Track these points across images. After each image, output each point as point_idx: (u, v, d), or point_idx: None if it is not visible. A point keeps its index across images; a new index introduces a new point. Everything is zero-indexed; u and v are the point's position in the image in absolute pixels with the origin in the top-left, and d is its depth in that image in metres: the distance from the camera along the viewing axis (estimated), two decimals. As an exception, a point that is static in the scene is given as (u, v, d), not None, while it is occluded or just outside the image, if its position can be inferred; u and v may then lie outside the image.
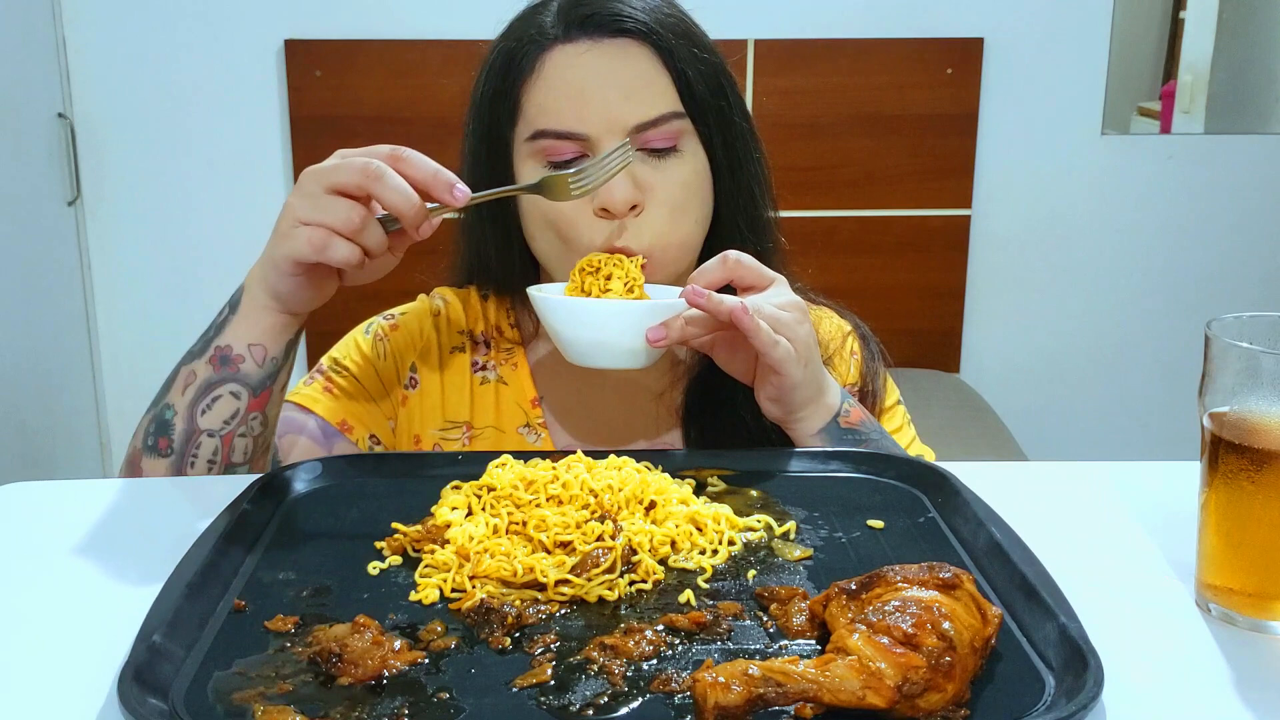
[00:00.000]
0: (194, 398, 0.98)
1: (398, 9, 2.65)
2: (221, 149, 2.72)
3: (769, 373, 0.97)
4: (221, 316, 1.00)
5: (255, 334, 0.98)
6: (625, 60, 1.05)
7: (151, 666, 0.63)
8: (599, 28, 1.05)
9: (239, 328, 0.98)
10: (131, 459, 1.01)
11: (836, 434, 1.01)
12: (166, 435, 0.98)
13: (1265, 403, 0.70)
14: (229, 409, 0.99)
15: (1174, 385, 2.84)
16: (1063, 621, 0.66)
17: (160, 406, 1.00)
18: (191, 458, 0.98)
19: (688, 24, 1.10)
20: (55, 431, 2.62)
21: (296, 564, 0.79)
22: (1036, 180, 2.78)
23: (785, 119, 2.67)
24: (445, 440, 1.15)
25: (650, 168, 1.06)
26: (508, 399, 1.16)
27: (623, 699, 0.62)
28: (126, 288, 2.78)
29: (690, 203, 1.08)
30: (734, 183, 1.11)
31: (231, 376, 0.98)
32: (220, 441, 0.99)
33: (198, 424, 0.98)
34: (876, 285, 2.77)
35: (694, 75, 1.06)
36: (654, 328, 0.97)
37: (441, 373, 1.17)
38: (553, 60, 1.06)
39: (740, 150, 1.11)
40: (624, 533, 0.79)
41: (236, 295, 1.00)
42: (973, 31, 2.68)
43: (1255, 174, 2.78)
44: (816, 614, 0.69)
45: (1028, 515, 0.83)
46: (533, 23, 1.08)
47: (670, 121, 1.05)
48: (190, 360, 0.99)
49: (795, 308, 0.99)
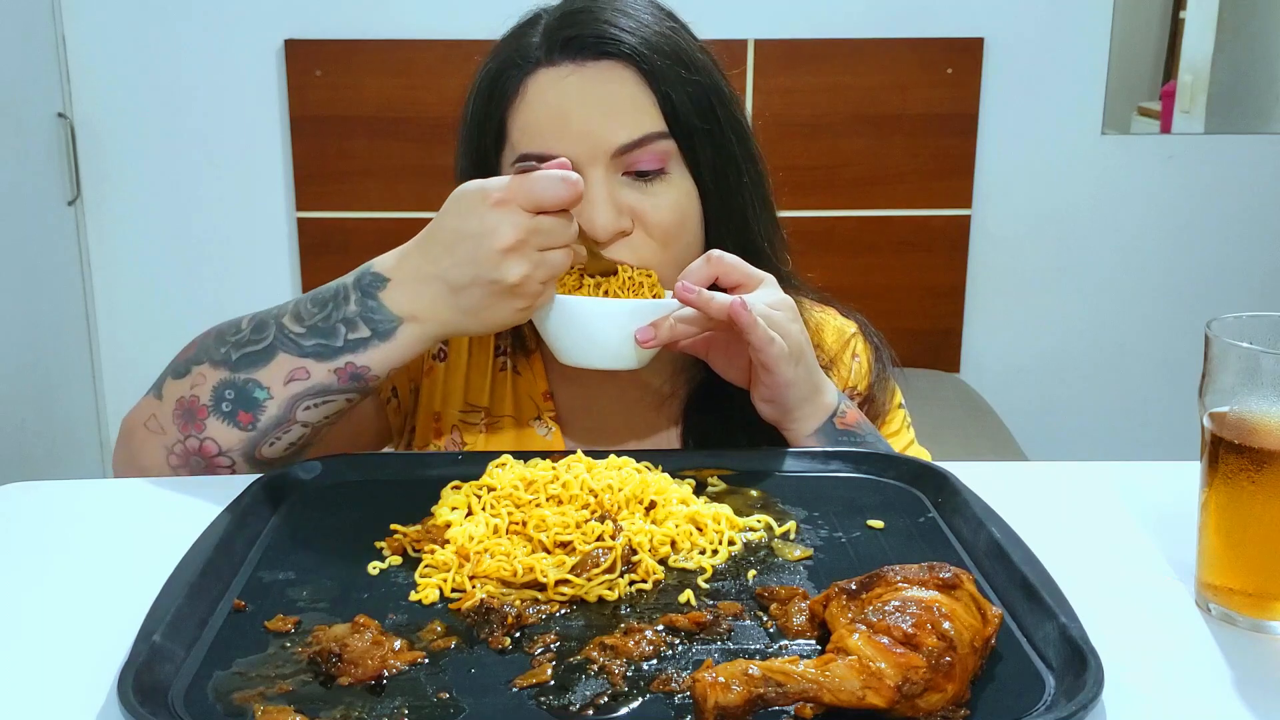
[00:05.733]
0: (302, 394, 0.97)
1: (398, 9, 2.65)
2: (221, 149, 2.71)
3: (762, 372, 0.97)
4: (357, 334, 0.95)
5: (403, 360, 0.96)
6: (608, 83, 1.03)
7: (151, 666, 0.63)
8: (583, 50, 1.03)
9: (390, 355, 0.95)
10: (187, 407, 0.97)
11: (832, 435, 1.01)
12: (252, 413, 0.97)
13: (1265, 403, 0.70)
14: (334, 409, 0.99)
15: (1174, 385, 2.84)
16: (1063, 621, 0.66)
17: (242, 378, 0.97)
18: (274, 439, 0.98)
19: (678, 42, 1.06)
20: (55, 431, 2.62)
21: (296, 564, 0.79)
22: (1036, 180, 2.78)
23: (785, 119, 2.67)
24: (465, 424, 1.15)
25: (638, 192, 1.04)
26: (522, 390, 1.17)
27: (623, 699, 0.62)
28: (126, 288, 2.78)
29: (681, 226, 1.06)
30: (724, 206, 1.08)
31: (356, 389, 0.98)
32: (310, 431, 0.99)
33: (296, 416, 0.97)
34: (876, 285, 2.77)
35: (679, 97, 1.04)
36: (643, 328, 0.96)
37: (470, 351, 1.17)
38: (536, 84, 1.04)
39: (732, 174, 1.08)
40: (624, 533, 0.79)
41: (383, 323, 0.95)
42: (973, 31, 2.68)
43: (1255, 174, 2.78)
44: (816, 614, 0.69)
45: (1028, 515, 0.83)
46: (518, 45, 1.06)
47: (655, 143, 1.03)
48: (296, 353, 0.96)
49: (785, 306, 0.99)
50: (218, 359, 0.98)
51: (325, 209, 2.71)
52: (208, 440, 0.98)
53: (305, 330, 0.97)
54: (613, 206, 1.02)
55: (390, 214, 2.69)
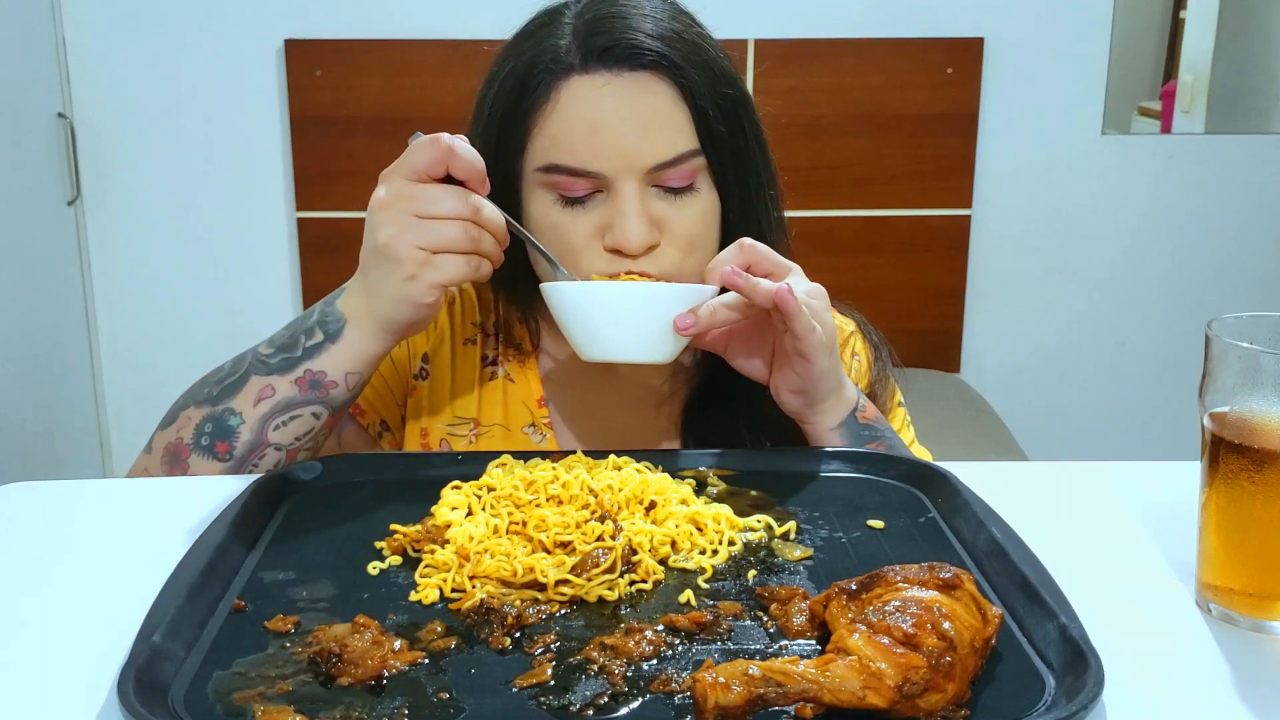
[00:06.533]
0: (269, 413, 0.97)
1: (398, 9, 2.65)
2: (221, 149, 2.72)
3: (795, 361, 0.96)
4: (313, 340, 0.97)
5: (355, 364, 0.97)
6: (644, 96, 1.01)
7: (151, 666, 0.63)
8: (619, 60, 1.01)
9: (339, 356, 0.97)
10: (173, 452, 0.98)
11: (855, 429, 1.00)
12: (227, 441, 0.97)
13: (1265, 403, 0.70)
14: (304, 427, 0.98)
15: (1174, 385, 2.84)
16: (1063, 621, 0.66)
17: (220, 409, 0.98)
18: (252, 466, 0.98)
19: (708, 50, 1.05)
20: (55, 431, 2.62)
21: (296, 564, 0.79)
22: (1036, 180, 2.78)
23: (785, 119, 2.67)
24: (452, 436, 1.15)
25: (666, 204, 1.03)
26: (514, 397, 1.16)
27: (623, 699, 0.62)
28: (126, 288, 2.78)
29: (705, 237, 1.05)
30: (743, 216, 1.08)
31: (319, 400, 0.98)
32: (285, 454, 0.99)
33: (267, 438, 0.97)
34: (876, 285, 2.77)
35: (714, 114, 1.02)
36: (682, 315, 0.93)
37: (453, 367, 1.16)
38: (569, 91, 1.01)
39: (752, 184, 1.08)
40: (624, 533, 0.79)
41: (332, 324, 0.97)
42: (973, 31, 2.68)
43: (1255, 174, 2.78)
44: (816, 614, 0.69)
45: (1028, 515, 0.83)
46: (547, 46, 1.03)
47: (688, 160, 1.02)
48: (264, 372, 0.97)
49: (820, 295, 0.98)
50: (201, 399, 0.99)
51: (325, 209, 2.71)
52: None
53: (274, 350, 0.99)
54: (646, 220, 1.01)
55: (390, 214, 2.69)
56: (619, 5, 1.04)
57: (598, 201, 1.02)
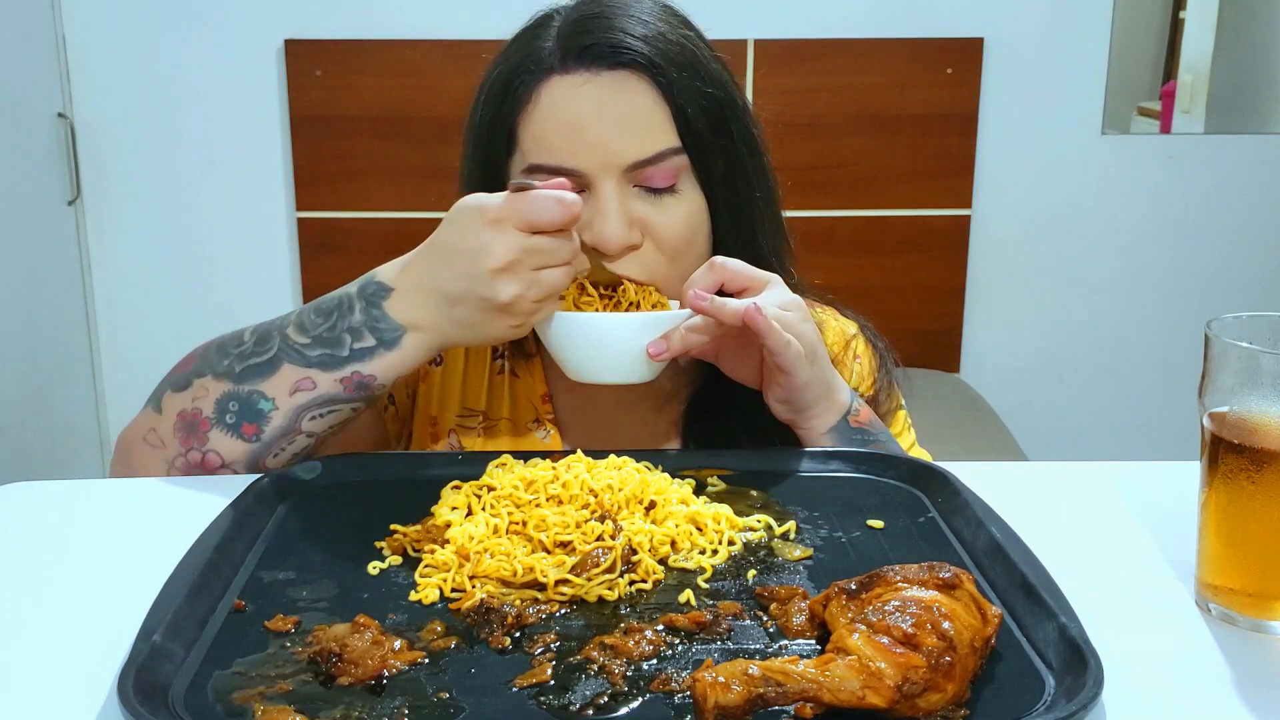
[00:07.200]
0: (307, 404, 0.96)
1: (398, 9, 2.65)
2: (221, 149, 2.71)
3: (778, 374, 0.97)
4: (363, 343, 0.95)
5: (408, 369, 0.97)
6: (623, 94, 1.01)
7: (151, 666, 0.63)
8: (598, 59, 1.01)
9: (395, 365, 0.96)
10: (189, 420, 0.97)
11: (846, 433, 1.01)
12: (256, 424, 0.97)
13: (1265, 403, 0.70)
14: (341, 419, 0.99)
15: (1174, 385, 2.84)
16: (1063, 621, 0.66)
17: (247, 389, 0.97)
18: (279, 450, 0.98)
19: (694, 52, 1.04)
20: (55, 431, 2.62)
21: (296, 564, 0.79)
22: (1036, 180, 2.78)
23: (785, 119, 2.67)
24: (462, 427, 1.15)
25: (648, 204, 1.03)
26: (521, 393, 1.16)
27: (623, 699, 0.62)
28: (126, 288, 2.78)
29: (691, 241, 1.05)
30: (733, 220, 1.07)
31: (362, 398, 0.98)
32: (314, 441, 0.99)
33: (301, 426, 0.97)
34: (876, 285, 2.77)
35: (694, 111, 1.02)
36: (654, 341, 0.94)
37: (466, 356, 1.17)
38: (549, 92, 1.02)
39: (742, 187, 1.07)
40: (624, 532, 0.79)
41: (388, 332, 0.95)
42: (973, 31, 2.68)
43: (1255, 174, 2.78)
44: (816, 614, 0.69)
45: (1028, 515, 0.83)
46: (531, 49, 1.04)
47: (669, 159, 1.02)
48: (302, 363, 0.96)
49: (796, 306, 0.98)
50: (220, 371, 0.98)
51: (325, 209, 2.71)
52: (210, 452, 0.98)
53: (310, 340, 0.97)
54: (625, 219, 1.01)
55: (390, 214, 2.69)
56: (606, 6, 1.05)
57: (583, 202, 1.02)
